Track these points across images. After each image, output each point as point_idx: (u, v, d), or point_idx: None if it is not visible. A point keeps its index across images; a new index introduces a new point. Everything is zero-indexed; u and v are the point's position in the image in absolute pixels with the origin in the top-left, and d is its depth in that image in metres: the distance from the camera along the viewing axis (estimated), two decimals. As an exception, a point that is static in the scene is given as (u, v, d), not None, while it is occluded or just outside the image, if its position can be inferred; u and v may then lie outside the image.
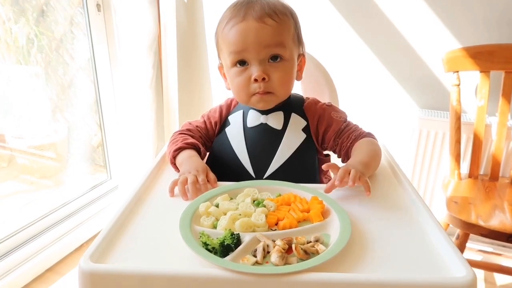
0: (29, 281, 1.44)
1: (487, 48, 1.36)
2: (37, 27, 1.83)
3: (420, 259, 0.53)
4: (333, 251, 0.52)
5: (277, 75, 0.77)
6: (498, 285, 1.49)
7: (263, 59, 0.77)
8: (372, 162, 0.76)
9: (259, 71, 0.76)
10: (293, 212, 0.62)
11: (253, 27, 0.75)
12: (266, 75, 0.77)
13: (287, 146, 0.82)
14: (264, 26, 0.75)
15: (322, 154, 0.87)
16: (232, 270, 0.49)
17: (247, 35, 0.75)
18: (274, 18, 0.76)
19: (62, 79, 1.96)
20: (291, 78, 0.81)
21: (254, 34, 0.75)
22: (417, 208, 0.66)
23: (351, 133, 0.83)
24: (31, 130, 1.96)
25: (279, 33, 0.76)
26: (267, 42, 0.75)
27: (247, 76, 0.78)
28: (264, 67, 0.77)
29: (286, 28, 0.78)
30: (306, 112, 0.85)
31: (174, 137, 0.87)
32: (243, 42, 0.76)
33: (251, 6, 0.77)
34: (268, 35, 0.75)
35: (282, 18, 0.77)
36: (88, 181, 1.93)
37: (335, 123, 0.84)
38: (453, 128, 1.40)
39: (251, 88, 0.78)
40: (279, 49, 0.76)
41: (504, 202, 1.27)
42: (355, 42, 1.56)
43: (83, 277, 0.49)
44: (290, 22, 0.79)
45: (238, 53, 0.77)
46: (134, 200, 0.67)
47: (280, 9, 0.78)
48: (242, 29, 0.76)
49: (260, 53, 0.76)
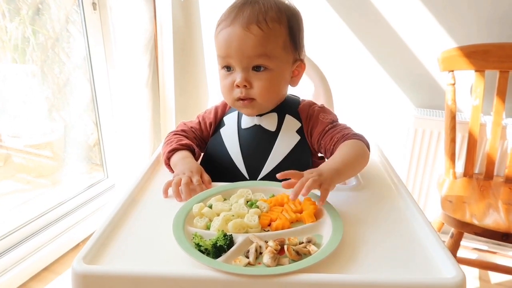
0: (26, 280, 1.44)
1: (482, 47, 1.37)
2: (33, 25, 1.83)
3: (410, 260, 0.54)
4: (325, 252, 0.53)
5: (259, 83, 0.77)
6: (492, 283, 1.50)
7: (246, 67, 0.76)
8: (347, 168, 0.71)
9: (241, 78, 0.76)
10: (286, 213, 0.63)
11: (237, 34, 0.74)
12: (247, 83, 0.76)
13: (281, 148, 0.82)
14: (248, 35, 0.73)
15: (316, 157, 0.86)
16: (224, 271, 0.49)
17: (231, 42, 0.75)
18: (261, 26, 0.74)
19: (58, 77, 1.95)
20: (275, 86, 0.80)
21: (237, 43, 0.74)
22: (409, 209, 0.67)
23: (335, 135, 0.79)
24: (28, 129, 1.95)
25: (263, 44, 0.74)
26: (249, 52, 0.74)
27: (231, 80, 0.78)
28: (247, 75, 0.76)
29: (273, 38, 0.75)
30: (300, 114, 0.85)
31: (169, 137, 0.87)
32: (227, 48, 0.76)
33: (242, 10, 0.75)
34: (251, 45, 0.74)
35: (272, 26, 0.74)
36: (85, 180, 1.93)
37: (320, 124, 0.83)
38: (448, 127, 1.41)
39: (234, 93, 0.79)
40: (262, 60, 0.75)
41: (498, 201, 1.28)
42: (350, 41, 1.56)
43: (76, 279, 0.49)
44: (280, 30, 0.76)
45: (223, 58, 0.78)
46: (128, 201, 0.67)
47: (272, 15, 0.75)
48: (228, 35, 0.75)
49: (242, 62, 0.76)
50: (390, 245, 0.57)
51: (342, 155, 0.73)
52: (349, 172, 0.73)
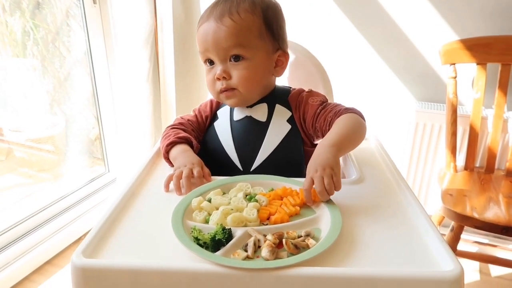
0: (28, 273, 1.45)
1: (484, 40, 1.36)
2: (33, 19, 1.82)
3: (409, 253, 0.54)
4: (323, 246, 0.53)
5: (237, 73, 0.78)
6: (493, 276, 1.50)
7: (224, 58, 0.78)
8: (346, 140, 0.71)
9: (220, 70, 0.79)
10: (285, 207, 0.63)
11: (211, 28, 0.77)
12: (226, 74, 0.79)
13: (272, 138, 0.82)
14: (221, 27, 0.76)
15: (308, 145, 0.85)
16: (223, 265, 0.49)
17: (206, 36, 0.78)
18: (233, 17, 0.76)
19: (59, 72, 1.95)
20: (254, 75, 0.80)
21: (212, 36, 0.77)
22: (408, 203, 0.67)
23: (328, 115, 0.79)
24: (29, 123, 1.96)
25: (235, 34, 0.76)
26: (223, 44, 0.77)
27: (213, 74, 0.80)
28: (225, 66, 0.79)
29: (246, 27, 0.77)
30: (290, 103, 0.86)
31: (166, 132, 0.88)
32: (204, 42, 0.79)
33: (216, 6, 0.78)
34: (223, 37, 0.76)
35: (244, 16, 0.76)
36: (86, 174, 1.94)
37: (310, 107, 0.83)
38: (449, 120, 1.40)
39: (216, 86, 0.81)
40: (238, 49, 0.77)
41: (499, 194, 1.28)
42: (351, 34, 1.55)
43: (76, 273, 0.50)
44: (253, 19, 0.78)
45: (202, 53, 0.81)
46: (127, 195, 0.67)
47: (245, 6, 0.77)
48: (204, 30, 0.78)
49: (219, 54, 0.78)
50: (388, 239, 0.57)
51: (337, 131, 0.73)
52: (350, 145, 0.74)
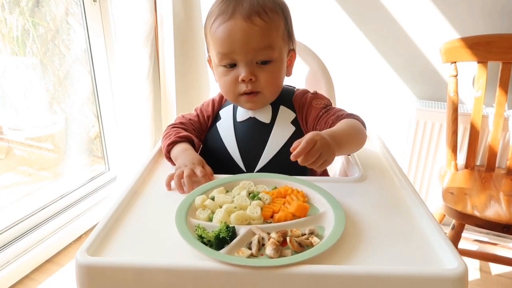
0: (29, 272, 1.45)
1: (485, 38, 1.36)
2: (32, 17, 1.82)
3: (413, 251, 0.54)
4: (327, 244, 0.53)
5: (264, 76, 0.76)
6: (493, 274, 1.50)
7: (250, 60, 0.75)
8: (345, 139, 0.68)
9: (246, 72, 0.75)
10: (288, 205, 0.63)
11: (240, 27, 0.72)
12: (253, 76, 0.76)
13: (276, 140, 0.82)
14: (252, 27, 0.72)
15: None
16: (227, 263, 0.49)
17: (234, 36, 0.73)
18: (263, 17, 0.73)
19: (59, 70, 1.95)
20: (279, 78, 0.80)
21: (242, 36, 0.72)
22: (411, 201, 0.67)
23: (329, 118, 0.78)
24: (29, 121, 1.95)
25: (267, 35, 0.73)
26: (255, 45, 0.73)
27: (234, 76, 0.77)
28: (252, 68, 0.75)
29: (275, 28, 0.75)
30: (294, 104, 0.85)
31: (167, 131, 0.87)
32: (231, 44, 0.73)
33: (239, 2, 0.73)
34: (256, 37, 0.73)
35: (272, 16, 0.74)
36: (86, 173, 1.94)
37: (314, 110, 0.82)
38: (450, 119, 1.40)
39: (239, 88, 0.78)
40: (267, 52, 0.75)
41: (499, 192, 1.28)
42: (352, 32, 1.55)
43: (80, 271, 0.49)
44: (280, 20, 0.76)
45: (226, 54, 0.75)
46: (130, 193, 0.67)
47: (270, 5, 0.74)
48: (230, 29, 0.73)
49: (247, 55, 0.74)
50: (392, 237, 0.57)
51: (338, 128, 0.71)
52: (347, 146, 0.71)
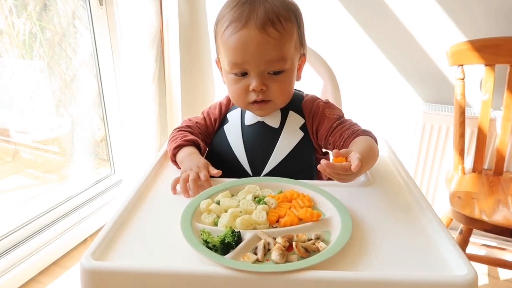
0: (34, 274, 1.46)
1: (493, 41, 1.35)
2: (40, 21, 1.83)
3: (421, 257, 0.53)
4: (334, 249, 0.52)
5: (276, 86, 0.76)
6: (501, 280, 1.49)
7: (262, 71, 0.74)
8: (367, 158, 0.68)
9: (258, 82, 0.74)
10: (294, 210, 0.62)
11: (254, 38, 0.71)
12: (264, 86, 0.75)
13: (284, 145, 0.81)
14: (267, 38, 0.71)
15: (320, 153, 0.85)
16: (232, 268, 0.49)
17: (248, 47, 0.71)
18: (278, 27, 0.71)
19: (65, 73, 1.96)
20: (290, 86, 0.79)
21: (256, 48, 0.71)
22: (419, 205, 0.66)
23: (344, 131, 0.78)
24: (35, 124, 1.97)
25: (281, 47, 0.72)
26: (268, 57, 0.72)
27: (245, 84, 0.76)
28: (263, 78, 0.75)
29: (289, 38, 0.73)
30: (303, 110, 0.84)
31: (174, 134, 0.87)
32: (244, 54, 0.72)
33: (253, 9, 0.71)
34: (270, 49, 0.71)
35: (286, 26, 0.72)
36: (92, 176, 1.94)
37: (327, 120, 0.81)
38: (457, 122, 1.39)
39: (249, 97, 0.77)
40: (280, 63, 0.74)
41: (508, 197, 1.27)
42: (359, 36, 1.54)
43: (85, 275, 0.49)
44: (293, 29, 0.74)
45: (238, 64, 0.74)
46: (135, 197, 0.67)
47: (284, 13, 0.72)
48: (243, 40, 0.71)
49: (260, 67, 0.73)
50: (399, 242, 0.56)
51: (361, 147, 0.70)
52: (369, 165, 0.71)
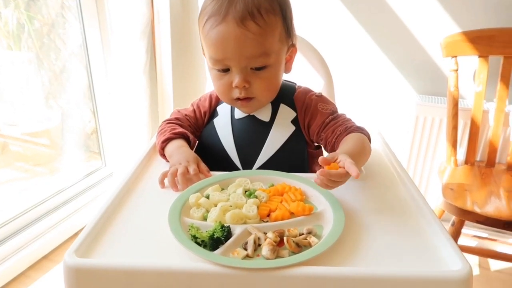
0: (25, 268, 1.44)
1: (487, 32, 1.34)
2: (28, 11, 1.79)
3: (415, 251, 0.52)
4: (326, 244, 0.51)
5: (259, 82, 0.73)
6: (492, 271, 1.50)
7: (244, 67, 0.71)
8: (358, 156, 0.66)
9: (240, 79, 0.71)
10: (285, 203, 0.61)
11: (233, 34, 0.68)
12: (247, 83, 0.72)
13: (275, 139, 0.79)
14: (247, 34, 0.67)
15: (312, 147, 0.83)
16: (222, 265, 0.48)
17: (227, 43, 0.69)
18: (258, 21, 0.68)
19: (54, 64, 1.92)
20: (275, 82, 0.77)
21: (234, 43, 0.68)
22: (413, 199, 0.65)
23: (337, 128, 0.76)
24: (25, 117, 1.93)
25: (263, 43, 0.69)
26: (249, 53, 0.69)
27: (228, 81, 0.73)
28: (246, 75, 0.72)
29: (271, 32, 0.70)
30: (295, 103, 0.82)
31: (162, 127, 0.85)
32: (223, 50, 0.70)
33: (233, 1, 0.68)
34: (250, 45, 0.68)
35: (268, 19, 0.69)
36: (83, 168, 1.92)
37: (320, 115, 0.79)
38: (450, 114, 1.39)
39: (232, 93, 0.75)
40: (262, 59, 0.71)
41: (500, 188, 1.27)
42: (352, 27, 1.52)
43: (68, 273, 0.48)
44: (277, 21, 0.70)
45: (218, 61, 0.72)
46: (122, 192, 0.65)
47: (266, 5, 0.69)
48: (222, 35, 0.69)
49: (241, 63, 0.70)
50: (393, 237, 0.55)
51: (349, 148, 0.68)
52: (360, 163, 0.69)
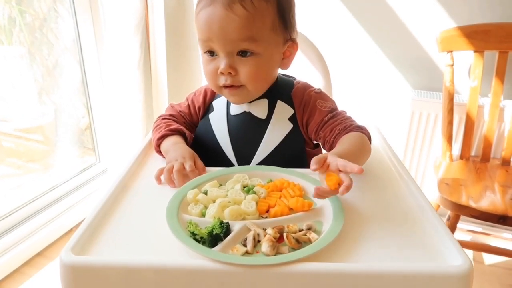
0: (19, 265, 1.43)
1: (482, 27, 1.34)
2: (19, 5, 1.76)
3: (415, 247, 0.52)
4: (326, 240, 0.51)
5: (245, 70, 0.70)
6: (486, 264, 1.51)
7: (231, 52, 0.70)
8: (354, 156, 0.64)
9: (225, 65, 0.70)
10: (284, 199, 0.60)
11: (218, 15, 0.66)
12: (232, 70, 0.70)
13: (272, 137, 0.77)
14: (231, 16, 0.66)
15: (310, 146, 0.82)
16: (221, 261, 0.47)
17: (212, 24, 0.67)
18: (246, 5, 0.66)
19: (47, 59, 1.90)
20: (264, 72, 0.73)
21: (219, 25, 0.67)
22: (412, 195, 0.65)
23: (336, 126, 0.74)
24: (17, 112, 1.91)
25: (248, 26, 0.67)
26: (233, 36, 0.67)
27: (215, 66, 0.72)
28: (231, 60, 0.70)
29: (260, 18, 0.67)
30: (293, 99, 0.79)
31: (158, 123, 0.83)
32: (208, 31, 0.68)
33: None
34: (235, 28, 0.66)
35: (258, 5, 0.66)
36: (77, 165, 1.90)
37: (318, 113, 0.77)
38: (445, 109, 1.39)
39: (219, 80, 0.73)
40: (247, 44, 0.68)
41: (494, 183, 1.28)
42: (348, 22, 1.52)
43: (65, 270, 0.47)
44: (268, 8, 0.68)
45: (204, 42, 0.71)
46: (119, 188, 0.64)
47: None
48: (208, 16, 0.68)
49: (226, 46, 0.69)
50: (393, 232, 0.55)
51: (346, 147, 0.67)
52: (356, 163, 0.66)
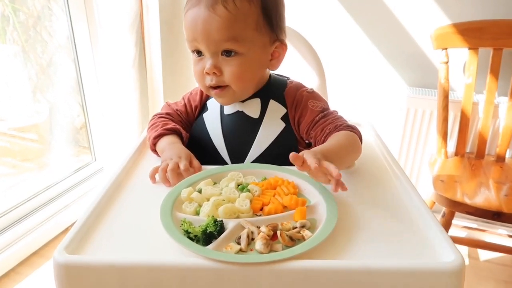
0: (15, 265, 1.43)
1: (477, 24, 1.34)
2: (13, 3, 1.75)
3: (408, 243, 0.52)
4: (319, 237, 0.51)
5: (229, 70, 0.71)
6: (481, 261, 1.52)
7: (215, 52, 0.71)
8: (337, 154, 0.64)
9: (210, 65, 0.71)
10: (278, 197, 0.61)
11: (202, 16, 0.68)
12: (217, 70, 0.71)
13: (265, 136, 0.78)
14: (213, 17, 0.67)
15: (303, 145, 0.82)
16: (215, 259, 0.47)
17: (196, 25, 0.69)
18: (228, 6, 0.67)
19: (41, 58, 1.89)
20: (247, 73, 0.74)
21: (202, 26, 0.68)
22: (405, 192, 0.65)
23: (326, 126, 0.74)
24: (11, 111, 1.90)
25: (230, 27, 0.68)
26: (216, 36, 0.69)
27: (201, 67, 0.73)
28: (216, 60, 0.71)
29: (242, 18, 0.68)
30: (286, 99, 0.80)
31: (154, 121, 0.83)
32: (193, 32, 0.70)
33: None
34: (217, 28, 0.68)
35: (240, 5, 0.68)
36: (72, 164, 1.90)
37: (310, 113, 0.78)
38: (440, 106, 1.39)
39: (205, 80, 0.74)
40: (230, 44, 0.69)
41: (489, 179, 1.28)
42: (343, 19, 1.52)
43: (58, 270, 0.47)
44: (250, 9, 0.69)
45: (190, 42, 0.72)
46: (113, 187, 0.64)
47: None
48: (192, 17, 0.70)
49: (209, 47, 0.70)
50: (386, 229, 0.55)
51: (331, 144, 0.68)
52: (340, 161, 0.65)
